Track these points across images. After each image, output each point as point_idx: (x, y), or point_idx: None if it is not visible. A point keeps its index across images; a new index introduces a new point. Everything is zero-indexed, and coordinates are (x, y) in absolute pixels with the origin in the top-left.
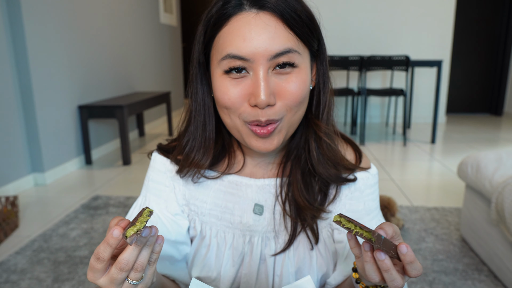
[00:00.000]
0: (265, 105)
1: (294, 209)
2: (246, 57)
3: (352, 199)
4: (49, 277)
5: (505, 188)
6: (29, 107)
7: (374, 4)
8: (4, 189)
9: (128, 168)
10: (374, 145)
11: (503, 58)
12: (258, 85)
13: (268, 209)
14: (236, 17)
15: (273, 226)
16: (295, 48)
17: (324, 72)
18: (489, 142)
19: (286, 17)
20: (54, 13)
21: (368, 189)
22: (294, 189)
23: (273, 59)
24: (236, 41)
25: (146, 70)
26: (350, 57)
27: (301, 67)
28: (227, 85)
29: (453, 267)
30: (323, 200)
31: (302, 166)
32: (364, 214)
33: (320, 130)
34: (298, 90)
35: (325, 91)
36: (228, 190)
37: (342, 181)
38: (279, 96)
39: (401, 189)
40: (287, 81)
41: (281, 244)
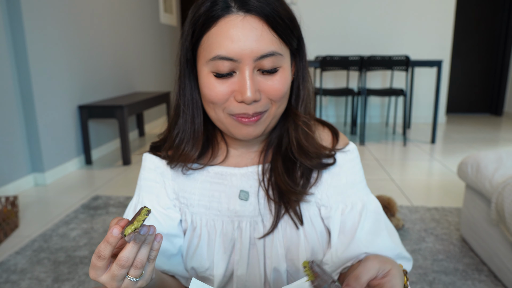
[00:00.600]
0: (251, 101)
1: (277, 193)
2: (234, 58)
3: (333, 175)
4: (49, 277)
5: (505, 188)
6: (29, 107)
7: (374, 4)
8: (4, 189)
9: (128, 168)
10: (374, 145)
11: (503, 58)
12: (245, 83)
13: (254, 194)
14: (224, 19)
15: (259, 210)
16: (278, 51)
17: (303, 67)
18: (489, 142)
19: (271, 20)
20: (54, 13)
21: (348, 163)
22: (276, 175)
23: (258, 60)
24: (224, 42)
25: (146, 70)
26: (350, 57)
27: (284, 66)
28: (213, 82)
29: (453, 267)
30: (306, 184)
31: (283, 152)
32: (348, 187)
33: (299, 119)
34: (281, 87)
35: (304, 86)
36: (214, 180)
37: (322, 167)
38: (264, 92)
39: (401, 189)
40: (271, 80)
41: (268, 228)
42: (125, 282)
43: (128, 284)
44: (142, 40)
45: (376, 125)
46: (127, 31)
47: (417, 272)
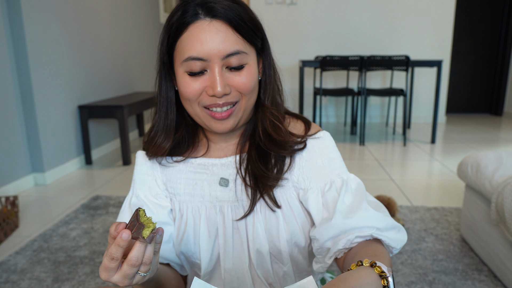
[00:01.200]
0: (221, 95)
1: (253, 180)
2: (203, 58)
3: (307, 159)
4: (49, 277)
5: (505, 188)
6: (29, 107)
7: (374, 4)
8: (4, 189)
9: (128, 168)
10: (374, 145)
11: (503, 58)
12: (215, 80)
13: (232, 181)
14: (193, 25)
15: (236, 196)
16: (242, 49)
17: (269, 64)
18: (489, 142)
19: (234, 23)
20: (54, 13)
21: (321, 148)
22: (251, 162)
23: (225, 58)
24: (195, 45)
25: (146, 70)
26: (350, 57)
27: (249, 63)
28: (188, 81)
29: (453, 267)
30: (280, 170)
31: (257, 142)
32: (324, 167)
33: (267, 111)
34: (248, 82)
35: (270, 80)
36: (197, 170)
37: (293, 152)
38: (233, 87)
39: (401, 189)
40: (239, 75)
41: (247, 211)
42: (136, 278)
43: (138, 279)
44: (142, 40)
45: (376, 125)
46: (127, 31)
47: (417, 272)
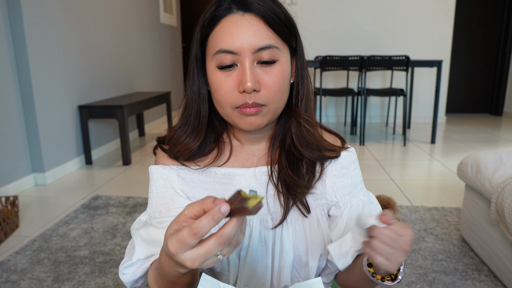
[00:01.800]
0: (251, 89)
1: (285, 188)
2: (234, 51)
3: (340, 176)
4: (49, 277)
5: (505, 188)
6: (29, 107)
7: (374, 4)
8: (4, 189)
9: (128, 168)
10: (374, 145)
11: (503, 58)
12: (245, 74)
13: (262, 193)
14: (226, 18)
15: (268, 208)
16: (275, 44)
17: (302, 67)
18: (489, 142)
19: (267, 17)
20: (54, 13)
21: (352, 165)
22: (282, 170)
23: (257, 52)
24: (226, 38)
25: (146, 70)
26: (350, 57)
27: (282, 60)
28: (220, 77)
29: (453, 267)
30: (311, 178)
31: (287, 150)
32: (352, 187)
33: (299, 116)
34: (279, 80)
35: (303, 84)
36: (222, 181)
37: (324, 159)
38: (263, 85)
39: (401, 189)
40: (270, 72)
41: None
42: (210, 260)
43: (209, 262)
44: (142, 40)
45: (376, 125)
46: (127, 31)
47: (417, 272)
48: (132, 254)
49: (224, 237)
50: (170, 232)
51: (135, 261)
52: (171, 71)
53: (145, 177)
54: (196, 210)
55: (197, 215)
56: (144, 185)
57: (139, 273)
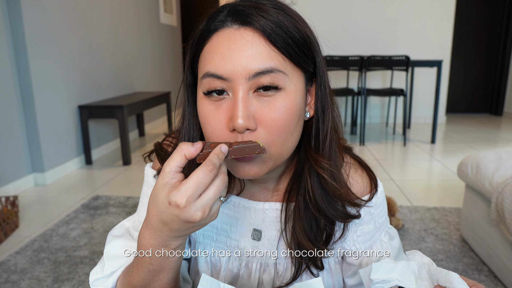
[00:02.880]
0: (243, 129)
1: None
2: (224, 76)
3: (362, 224)
4: (49, 277)
5: (505, 188)
6: (29, 107)
7: (374, 4)
8: (4, 189)
9: (128, 168)
10: (374, 145)
11: (503, 58)
12: (236, 107)
13: (267, 234)
14: (217, 34)
15: (274, 251)
16: (279, 68)
17: (324, 97)
18: (489, 142)
19: (269, 32)
20: (54, 13)
21: (378, 208)
22: (297, 228)
23: (253, 78)
24: (214, 59)
25: (146, 70)
26: (350, 57)
27: (289, 90)
28: (207, 109)
29: (453, 267)
30: (328, 239)
31: (305, 204)
32: (374, 232)
33: (320, 166)
34: (283, 116)
35: (325, 120)
36: (225, 211)
37: (347, 218)
38: (260, 122)
39: (401, 189)
40: (269, 104)
41: (282, 272)
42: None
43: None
44: (142, 40)
45: (376, 125)
46: (127, 31)
47: None
48: (104, 266)
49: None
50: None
51: (107, 273)
52: (171, 71)
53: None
54: (177, 161)
55: (181, 166)
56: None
57: (110, 284)
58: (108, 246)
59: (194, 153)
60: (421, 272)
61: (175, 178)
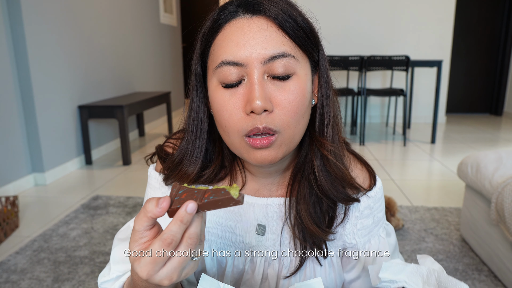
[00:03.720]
0: (261, 109)
1: (302, 232)
2: (240, 62)
3: (362, 217)
4: (49, 277)
5: (505, 188)
6: (29, 107)
7: (374, 4)
8: (4, 189)
9: (128, 168)
10: (374, 145)
11: (503, 58)
12: (253, 89)
13: (271, 229)
14: (229, 24)
15: (278, 246)
16: (290, 53)
17: (326, 85)
18: (489, 142)
19: (280, 20)
20: (54, 13)
21: (377, 202)
22: (302, 212)
23: (268, 62)
24: (229, 46)
25: (146, 70)
26: (350, 57)
27: (300, 74)
28: (223, 96)
29: (453, 267)
30: (331, 221)
31: (309, 187)
32: (373, 226)
33: (325, 148)
34: (296, 98)
35: (328, 106)
36: (229, 208)
37: (348, 200)
38: (276, 104)
39: (401, 189)
40: (284, 88)
41: (286, 265)
42: (187, 268)
43: (188, 271)
44: (142, 40)
45: (376, 125)
46: (127, 31)
47: None
48: (110, 269)
49: (193, 238)
50: (134, 257)
51: (114, 277)
52: (171, 71)
53: (145, 177)
54: (144, 221)
55: (149, 225)
56: (144, 186)
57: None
58: (114, 250)
59: (158, 215)
60: (430, 277)
61: (145, 237)
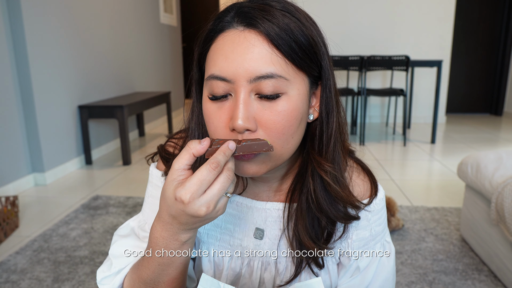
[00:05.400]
0: (242, 129)
1: (299, 245)
2: (227, 78)
3: (358, 228)
4: (49, 277)
5: (505, 188)
6: (29, 107)
7: (374, 4)
8: (4, 189)
9: (128, 168)
10: (374, 145)
11: (503, 58)
12: (237, 108)
13: (269, 233)
14: (222, 34)
15: (274, 251)
16: (280, 74)
17: (329, 100)
18: (489, 142)
19: (272, 36)
20: (54, 13)
21: (376, 215)
22: (300, 227)
23: (254, 81)
24: (219, 60)
25: (146, 70)
26: (350, 57)
27: (290, 94)
28: (211, 108)
29: (453, 267)
30: (329, 237)
31: (307, 205)
32: (370, 239)
33: (323, 169)
34: (283, 119)
35: (329, 123)
36: (229, 210)
37: (348, 219)
38: (261, 124)
39: (401, 189)
40: (271, 108)
41: (282, 270)
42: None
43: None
44: (142, 40)
45: (376, 125)
46: (127, 31)
47: (417, 272)
48: (111, 264)
49: (231, 171)
50: (174, 186)
51: (115, 271)
52: (171, 71)
53: (145, 177)
54: (185, 159)
55: (189, 164)
56: (144, 185)
57: (117, 282)
58: (114, 246)
59: (201, 151)
60: None
61: (183, 175)
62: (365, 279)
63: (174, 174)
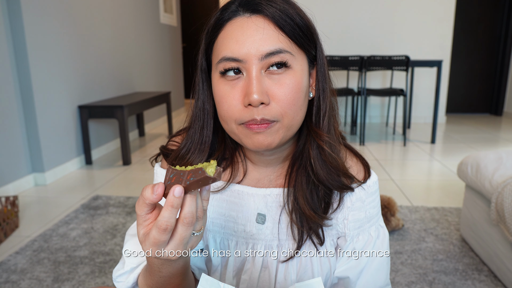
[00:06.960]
0: (258, 102)
1: (299, 218)
2: (239, 58)
3: (354, 209)
4: (49, 277)
5: (505, 188)
6: (29, 107)
7: (374, 4)
8: (4, 189)
9: (128, 168)
10: (374, 145)
11: (503, 58)
12: (251, 84)
13: (271, 218)
14: (230, 22)
15: (276, 235)
16: (286, 49)
17: (323, 79)
18: (489, 142)
19: (277, 19)
20: (54, 13)
21: (370, 197)
22: (300, 199)
23: (265, 59)
24: (230, 44)
25: (146, 70)
26: (350, 57)
27: (295, 68)
28: (224, 89)
29: (453, 267)
30: (326, 208)
31: (307, 175)
32: (365, 221)
33: (321, 138)
34: (292, 91)
35: (324, 98)
36: (231, 199)
37: (343, 188)
38: (273, 97)
39: (401, 189)
40: (280, 81)
41: (285, 253)
42: (190, 242)
43: (193, 243)
44: (142, 40)
45: (376, 125)
46: (127, 31)
47: (417, 272)
48: (124, 263)
49: (188, 218)
50: (141, 238)
51: (128, 269)
52: (171, 71)
53: (145, 177)
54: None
55: (149, 209)
56: (144, 185)
57: (131, 280)
58: (126, 245)
59: (155, 200)
60: None
61: (148, 220)
62: (361, 262)
63: (139, 220)
